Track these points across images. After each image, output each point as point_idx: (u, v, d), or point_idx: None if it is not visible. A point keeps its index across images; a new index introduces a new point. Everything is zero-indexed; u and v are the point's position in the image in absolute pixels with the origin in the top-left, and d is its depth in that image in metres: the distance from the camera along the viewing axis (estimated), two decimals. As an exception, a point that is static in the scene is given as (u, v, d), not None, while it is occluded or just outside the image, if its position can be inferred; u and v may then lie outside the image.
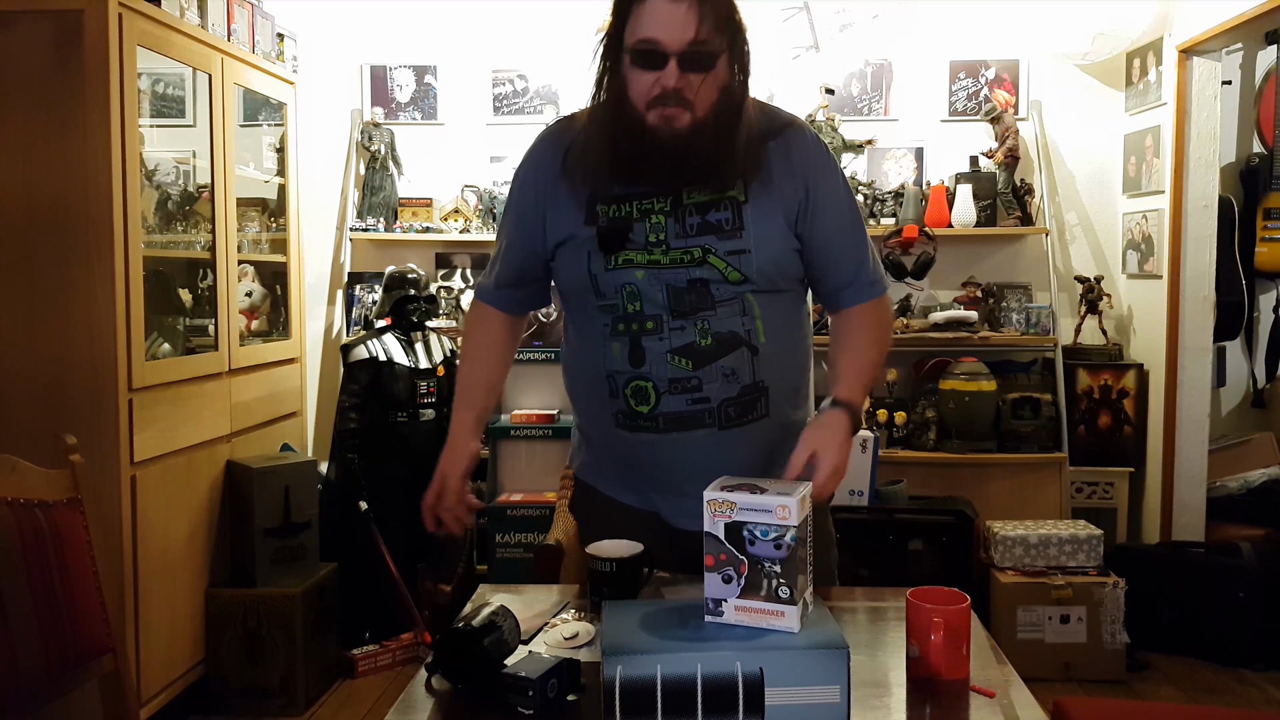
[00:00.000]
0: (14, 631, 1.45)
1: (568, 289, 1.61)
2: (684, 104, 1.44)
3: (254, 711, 3.04)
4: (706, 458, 1.52)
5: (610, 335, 1.53)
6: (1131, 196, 3.99)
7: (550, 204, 1.59)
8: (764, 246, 1.50)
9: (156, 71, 3.11)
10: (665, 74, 1.42)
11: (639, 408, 1.53)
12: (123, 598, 2.65)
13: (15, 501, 1.51)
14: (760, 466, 1.56)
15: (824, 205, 1.55)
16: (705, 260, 1.49)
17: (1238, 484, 3.81)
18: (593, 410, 1.62)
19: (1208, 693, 3.17)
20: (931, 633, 1.24)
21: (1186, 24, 3.62)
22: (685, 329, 1.50)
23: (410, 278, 3.61)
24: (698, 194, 1.50)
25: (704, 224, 1.50)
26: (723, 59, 1.45)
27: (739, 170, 1.49)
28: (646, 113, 1.45)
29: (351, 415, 3.50)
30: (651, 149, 1.46)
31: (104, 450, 2.61)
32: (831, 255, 1.58)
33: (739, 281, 1.49)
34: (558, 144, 1.61)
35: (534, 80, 4.14)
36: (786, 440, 1.58)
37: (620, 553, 1.55)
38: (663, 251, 1.50)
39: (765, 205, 1.51)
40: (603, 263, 1.52)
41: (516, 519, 3.67)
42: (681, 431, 1.52)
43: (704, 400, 1.51)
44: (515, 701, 1.16)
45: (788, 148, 1.54)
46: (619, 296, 1.51)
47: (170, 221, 3.18)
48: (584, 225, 1.54)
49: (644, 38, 1.42)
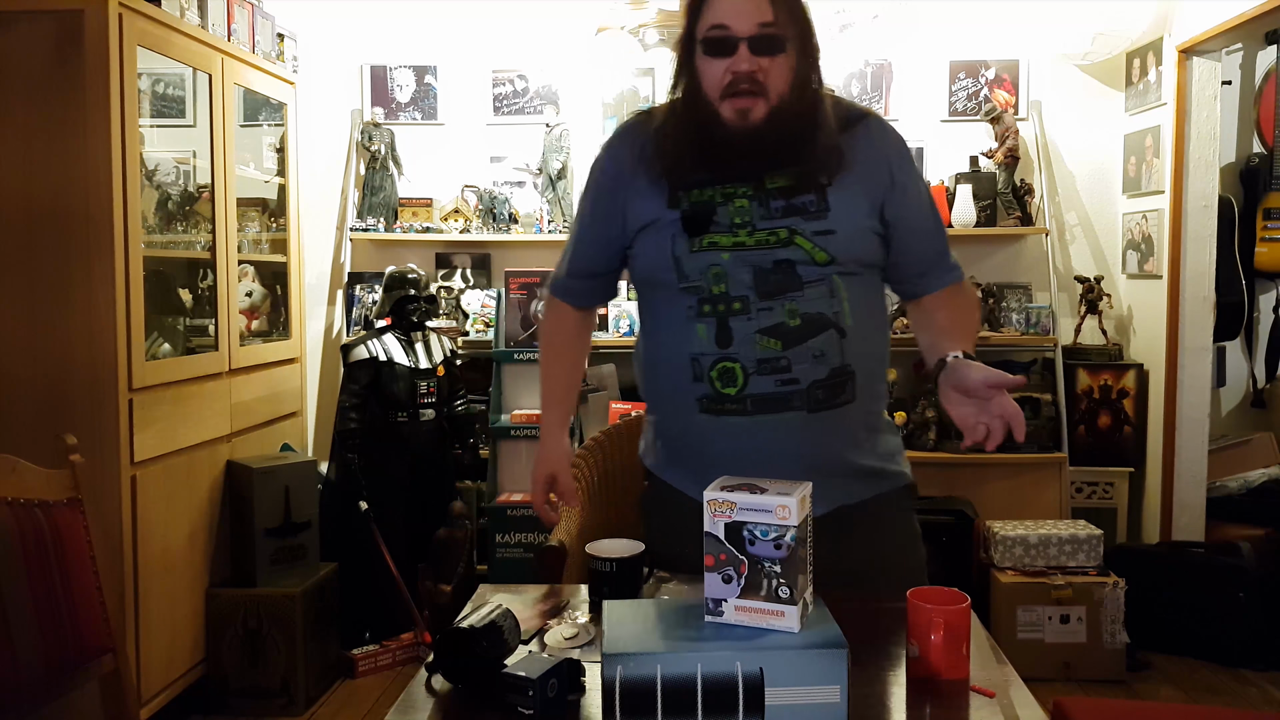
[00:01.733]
0: (14, 631, 1.45)
1: (647, 274, 1.60)
2: (757, 90, 1.45)
3: (254, 711, 3.04)
4: (793, 442, 1.51)
5: (695, 317, 1.52)
6: (1131, 196, 3.99)
7: (630, 192, 1.59)
8: (849, 227, 1.50)
9: (156, 71, 3.11)
10: (736, 59, 1.44)
11: (726, 389, 1.51)
12: (123, 598, 2.65)
13: (15, 501, 1.52)
14: (844, 454, 1.55)
15: (908, 190, 1.57)
16: (792, 241, 1.49)
17: (1238, 484, 3.81)
18: (672, 398, 1.59)
19: (1208, 693, 3.17)
20: (931, 633, 1.24)
21: (1186, 24, 3.62)
22: (773, 309, 1.49)
23: (410, 278, 3.61)
24: (780, 180, 1.51)
25: (789, 206, 1.50)
26: (792, 45, 1.47)
27: (819, 158, 1.50)
28: (720, 104, 1.47)
29: (351, 415, 3.50)
30: (728, 142, 1.48)
31: (104, 450, 2.61)
32: (916, 239, 1.59)
33: (826, 262, 1.49)
34: (635, 137, 1.62)
35: (534, 80, 4.14)
36: (869, 428, 1.60)
37: (620, 553, 1.55)
38: (748, 233, 1.50)
39: (849, 188, 1.51)
40: (687, 245, 1.52)
41: (516, 519, 3.67)
42: (769, 414, 1.50)
43: (793, 381, 1.49)
44: (515, 701, 1.16)
45: (869, 134, 1.56)
46: (703, 278, 1.51)
47: (170, 221, 3.18)
48: (667, 209, 1.54)
49: (714, 24, 1.45)
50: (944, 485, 3.74)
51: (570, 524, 2.29)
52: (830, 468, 1.54)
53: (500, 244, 4.10)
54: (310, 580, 3.14)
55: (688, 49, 1.51)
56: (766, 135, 1.47)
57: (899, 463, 1.67)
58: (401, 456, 3.54)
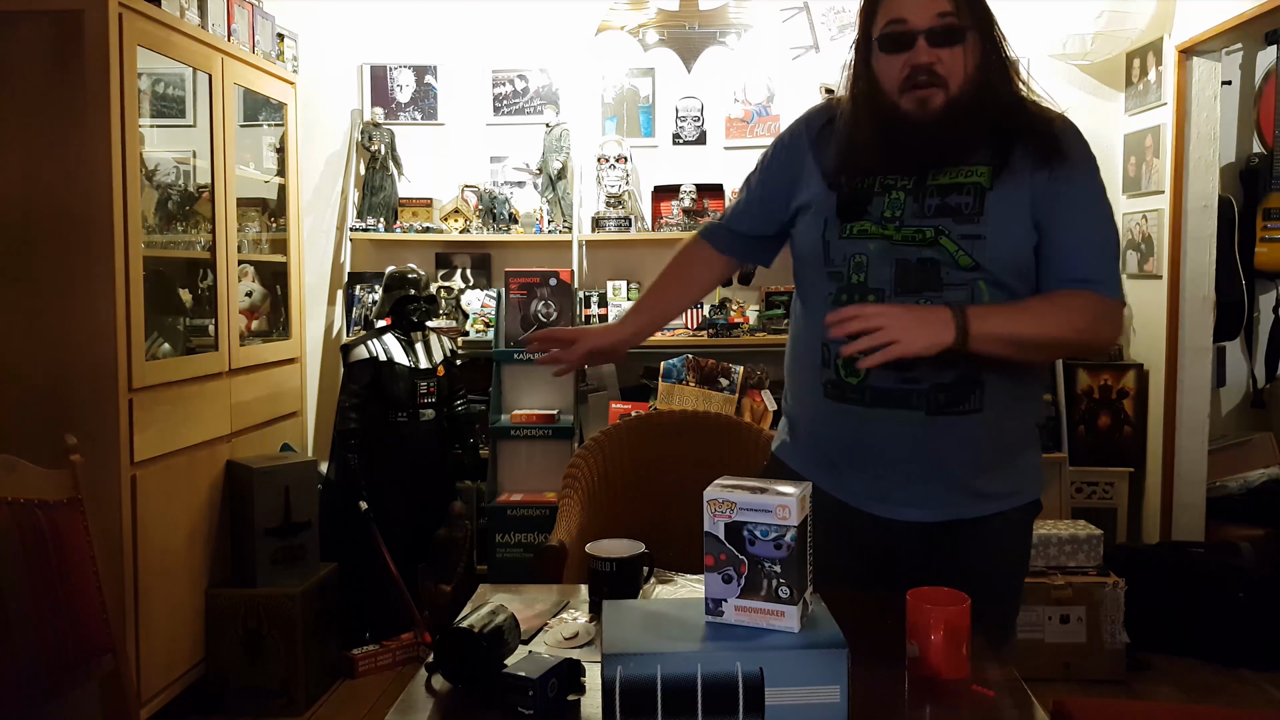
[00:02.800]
0: (14, 631, 1.45)
1: (802, 254, 1.61)
2: (937, 82, 1.44)
3: (254, 711, 3.04)
4: (911, 441, 1.49)
5: (832, 304, 1.51)
6: (1131, 196, 3.99)
7: (801, 168, 1.61)
8: (1001, 235, 1.46)
9: (156, 71, 3.11)
10: (915, 52, 1.44)
11: (848, 379, 1.51)
12: (123, 598, 2.65)
13: (15, 501, 1.52)
14: (966, 462, 1.52)
15: (1067, 199, 1.49)
16: (937, 241, 1.46)
17: (1238, 484, 3.81)
18: (805, 379, 1.60)
19: (1208, 693, 3.16)
20: (931, 633, 1.24)
21: (1186, 24, 3.62)
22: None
23: (410, 278, 3.61)
24: (944, 177, 1.49)
25: (942, 205, 1.48)
26: (973, 36, 1.46)
27: (992, 153, 1.48)
28: (900, 98, 1.46)
29: (352, 415, 3.50)
30: (904, 135, 1.47)
31: (104, 450, 2.61)
32: (1062, 250, 1.48)
33: (970, 267, 1.45)
34: (820, 117, 1.63)
35: (534, 80, 4.14)
36: (1000, 443, 1.54)
37: (620, 553, 1.55)
38: (896, 228, 1.49)
39: (1011, 194, 1.47)
40: (837, 230, 1.52)
41: (516, 519, 3.67)
42: (888, 409, 1.49)
43: (914, 381, 1.47)
44: (515, 701, 1.16)
45: (1052, 139, 1.50)
46: (847, 265, 1.51)
47: (170, 221, 3.18)
48: (827, 191, 1.55)
49: (892, 19, 1.45)
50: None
51: (570, 524, 2.29)
52: (948, 476, 1.52)
53: (500, 244, 4.10)
54: (310, 580, 3.14)
55: (863, 50, 1.51)
56: (944, 125, 1.45)
57: (1029, 481, 1.61)
58: (401, 456, 3.54)
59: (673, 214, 4.00)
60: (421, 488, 3.59)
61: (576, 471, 2.48)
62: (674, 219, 3.99)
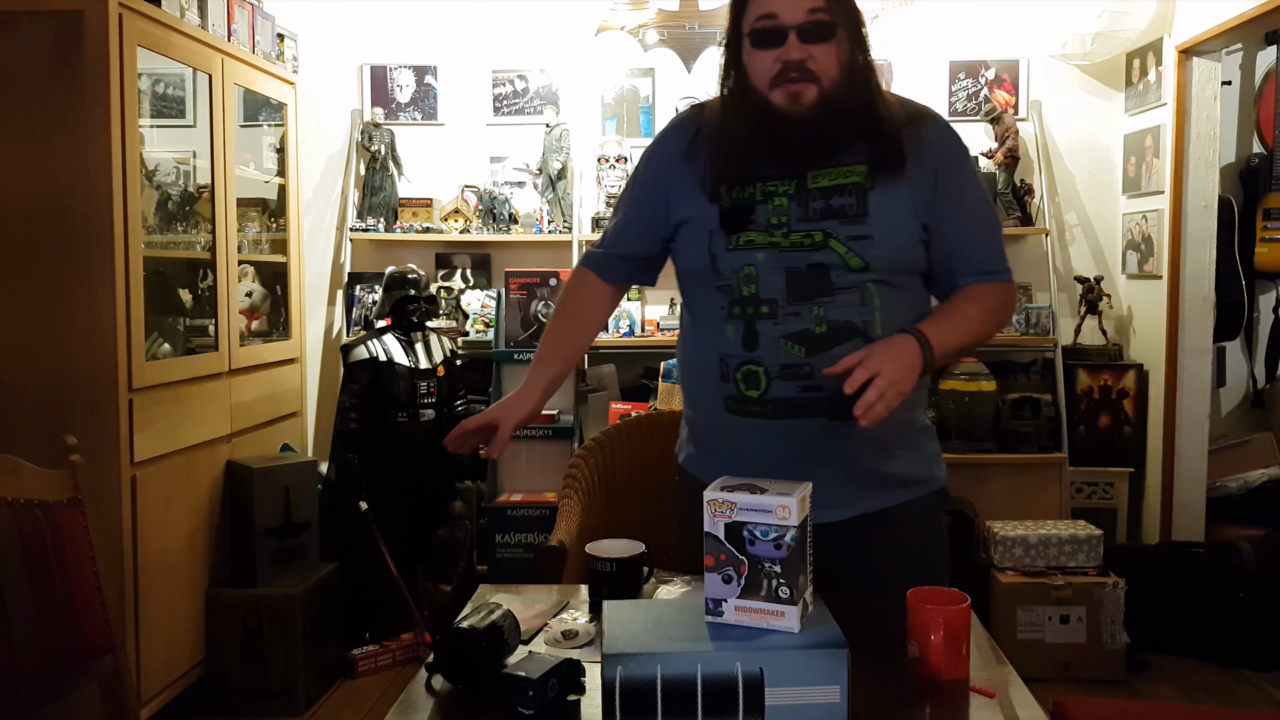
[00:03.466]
0: (14, 632, 1.45)
1: (687, 270, 1.60)
2: (809, 76, 1.44)
3: (254, 711, 3.04)
4: (816, 447, 1.50)
5: (725, 318, 1.51)
6: (1131, 197, 3.99)
7: (675, 182, 1.59)
8: (887, 233, 1.47)
9: (156, 72, 3.11)
10: (786, 48, 1.44)
11: (749, 392, 1.51)
12: (123, 598, 2.65)
13: (15, 501, 1.51)
14: (869, 463, 1.54)
15: (953, 195, 1.53)
16: (826, 244, 1.47)
17: (1238, 484, 3.81)
18: (704, 395, 1.59)
19: (1208, 693, 3.17)
20: (931, 633, 1.24)
21: (1186, 24, 3.62)
22: (801, 315, 1.47)
23: (410, 278, 3.61)
24: (823, 178, 1.49)
25: (827, 208, 1.48)
26: (842, 33, 1.46)
27: (867, 151, 1.48)
28: (771, 93, 1.46)
29: (352, 415, 3.50)
30: (778, 129, 1.47)
31: (104, 450, 2.61)
32: (958, 245, 1.55)
33: (860, 268, 1.47)
34: (686, 128, 1.62)
35: (534, 80, 4.14)
36: (898, 436, 1.57)
37: (620, 553, 1.55)
38: (784, 234, 1.48)
39: (892, 192, 1.49)
40: (724, 242, 1.51)
41: (516, 519, 3.67)
42: (791, 419, 1.50)
43: (815, 389, 1.47)
44: (515, 701, 1.16)
45: (920, 136, 1.52)
46: (736, 278, 1.50)
47: (170, 222, 3.18)
48: (707, 204, 1.54)
49: (763, 14, 1.45)
50: (944, 485, 3.74)
51: (570, 524, 2.29)
52: (855, 475, 1.53)
53: (500, 244, 4.10)
54: (310, 580, 3.14)
55: (734, 45, 1.51)
56: (818, 120, 1.45)
57: (932, 468, 1.65)
58: (401, 456, 3.54)
59: (673, 214, 4.00)
60: (421, 488, 3.58)
61: (576, 471, 2.48)
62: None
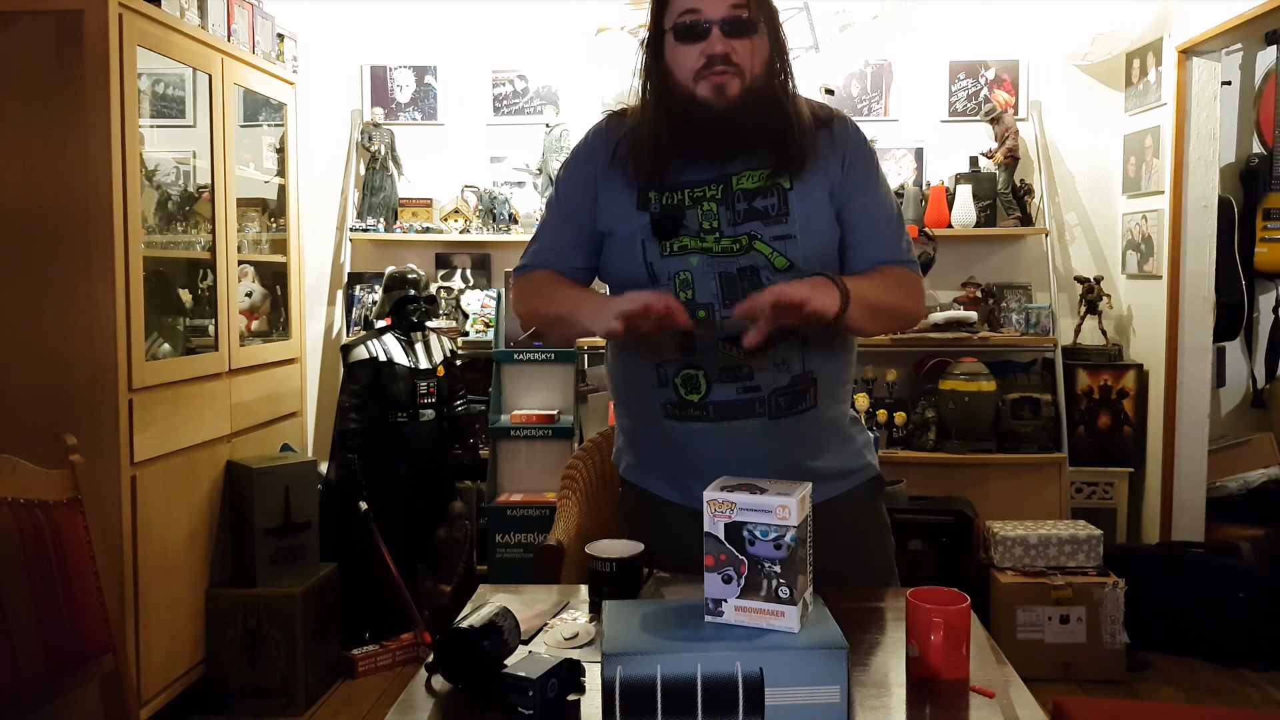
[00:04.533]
0: (14, 631, 1.45)
1: (620, 278, 1.60)
2: (732, 69, 1.46)
3: (254, 711, 3.04)
4: (757, 448, 1.51)
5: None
6: (1131, 197, 3.99)
7: (602, 192, 1.59)
8: (809, 232, 1.51)
9: (156, 71, 3.11)
10: (710, 41, 1.45)
11: (689, 396, 1.52)
12: (123, 598, 2.65)
13: (15, 501, 1.51)
14: (808, 458, 1.56)
15: (859, 185, 1.57)
16: (751, 247, 1.49)
17: (1237, 484, 3.81)
18: (640, 403, 1.60)
19: (1208, 693, 3.17)
20: (931, 633, 1.24)
21: (1186, 24, 3.62)
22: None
23: (410, 278, 3.61)
24: (747, 181, 1.51)
25: (750, 210, 1.50)
26: (763, 29, 1.48)
27: (789, 150, 1.50)
28: (696, 86, 1.47)
29: (351, 415, 3.50)
30: (703, 123, 1.48)
31: (104, 450, 2.61)
32: (862, 234, 1.58)
33: (786, 268, 1.49)
34: (608, 137, 1.62)
35: (534, 80, 4.14)
36: (832, 434, 1.60)
37: (620, 553, 1.55)
38: (715, 240, 1.50)
39: (811, 191, 1.52)
40: (658, 250, 1.52)
41: (516, 519, 3.67)
42: (732, 421, 1.51)
43: (754, 389, 1.50)
44: (515, 701, 1.16)
45: (832, 136, 1.56)
46: (672, 284, 1.51)
47: (170, 221, 3.18)
48: (636, 213, 1.54)
49: (686, 9, 1.46)
50: (944, 485, 3.74)
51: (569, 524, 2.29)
52: (795, 472, 1.52)
53: (500, 244, 4.10)
54: (310, 580, 3.14)
55: (655, 44, 1.52)
56: (742, 114, 1.47)
57: (865, 457, 1.67)
58: (401, 456, 3.54)
59: (673, 214, 4.00)
60: (421, 488, 3.59)
61: (575, 472, 2.47)
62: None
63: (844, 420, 1.64)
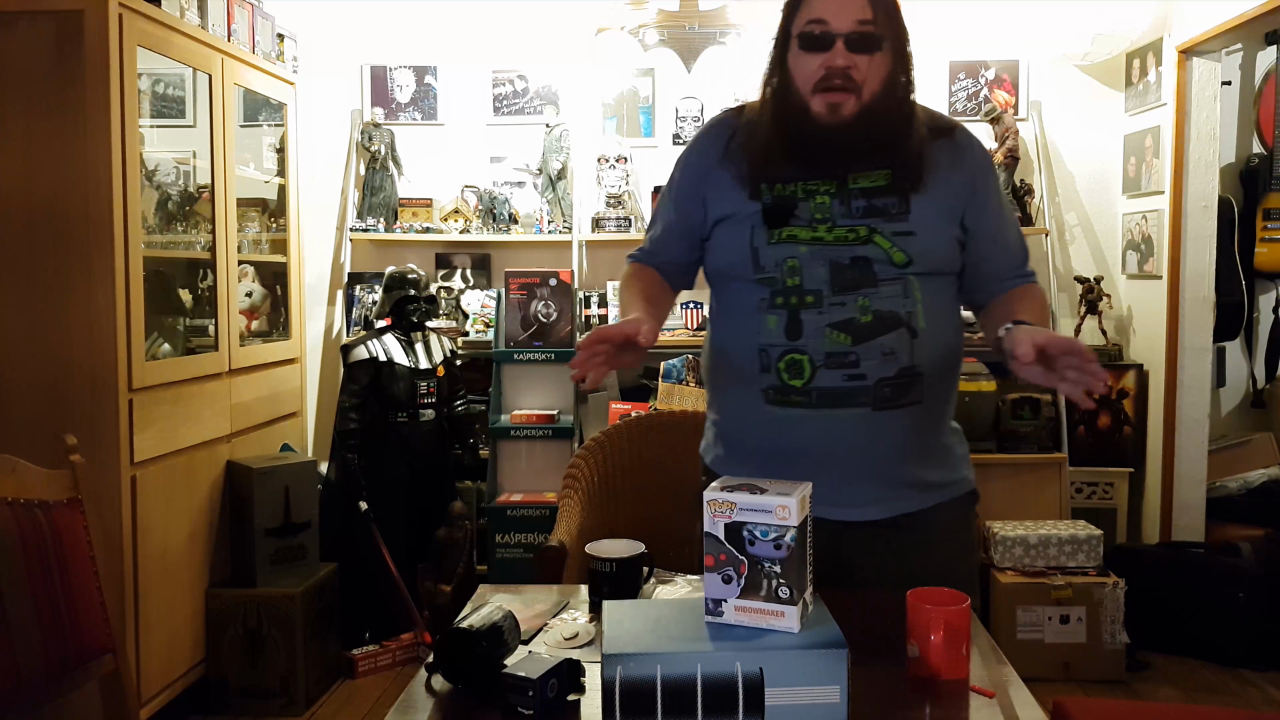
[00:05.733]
0: (14, 631, 1.45)
1: (724, 266, 1.60)
2: (851, 86, 1.46)
3: (254, 711, 3.04)
4: (858, 438, 1.51)
5: (767, 309, 1.52)
6: (1131, 197, 3.99)
7: (712, 186, 1.60)
8: (929, 231, 1.51)
9: (156, 71, 3.11)
10: (832, 54, 1.46)
11: (792, 381, 1.51)
12: (123, 598, 2.65)
13: (15, 501, 1.52)
14: (909, 454, 1.55)
15: (989, 201, 1.58)
16: (870, 240, 1.49)
17: (1237, 484, 3.81)
18: (739, 390, 1.59)
19: (1208, 693, 3.17)
20: (931, 633, 1.24)
21: (1186, 24, 3.62)
22: (846, 304, 1.49)
23: (410, 278, 3.61)
24: (865, 181, 1.52)
25: (870, 207, 1.51)
26: (888, 46, 1.48)
27: (905, 162, 1.51)
28: (811, 99, 1.48)
29: (351, 415, 3.50)
30: (816, 135, 1.49)
31: (104, 450, 2.61)
32: (996, 248, 1.59)
33: (903, 263, 1.49)
34: (722, 130, 1.63)
35: (534, 80, 4.14)
36: (935, 434, 1.59)
37: (620, 553, 1.55)
38: (827, 229, 1.51)
39: (931, 195, 1.52)
40: (765, 236, 1.52)
41: (516, 519, 3.67)
42: (834, 408, 1.50)
43: (860, 377, 1.48)
44: (515, 701, 1.16)
45: (955, 146, 1.57)
46: (779, 270, 1.51)
47: (170, 221, 3.18)
48: (747, 201, 1.55)
49: (813, 19, 1.47)
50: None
51: (570, 524, 2.29)
52: (893, 470, 1.54)
53: (500, 244, 4.10)
54: (310, 580, 3.14)
55: (781, 46, 1.53)
56: (855, 132, 1.48)
57: (963, 470, 1.66)
58: (401, 456, 3.54)
59: (673, 214, 4.00)
60: (421, 488, 3.59)
61: (576, 472, 2.48)
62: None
63: (945, 427, 1.63)
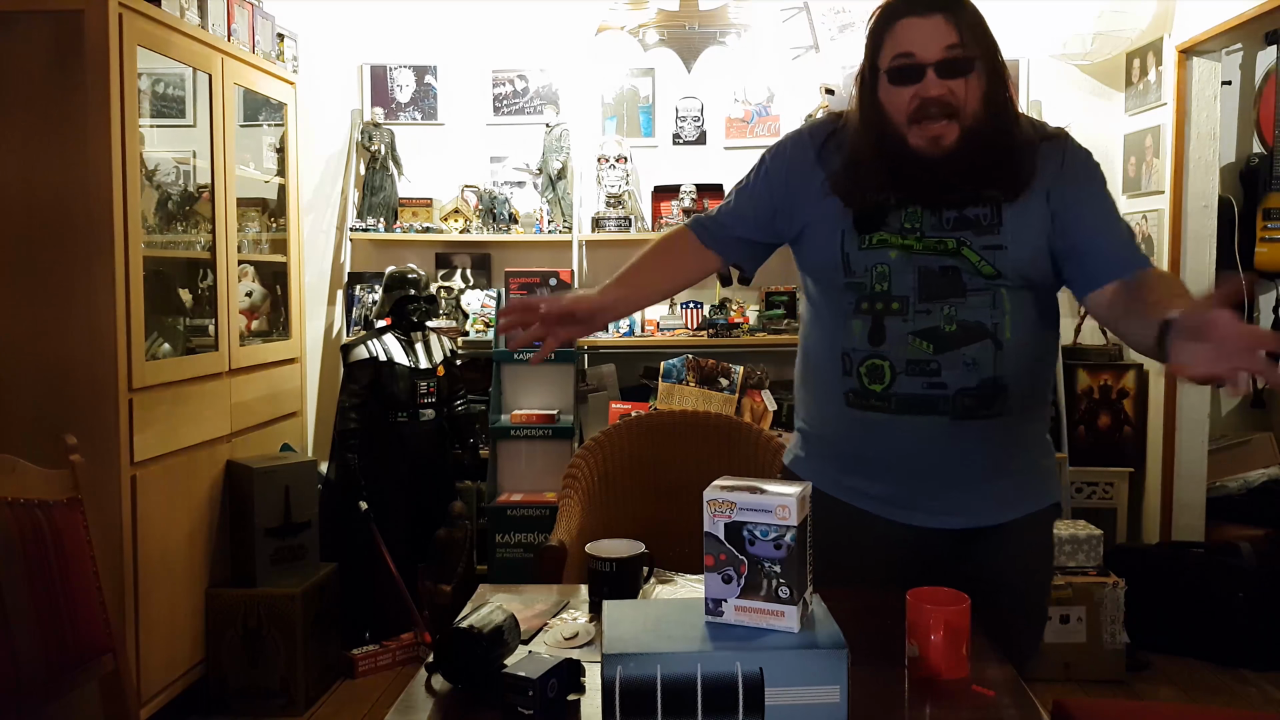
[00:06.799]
0: (14, 631, 1.45)
1: (815, 267, 1.60)
2: (949, 113, 1.43)
3: (254, 711, 3.04)
4: (936, 447, 1.49)
5: (852, 313, 1.52)
6: (1131, 197, 3.99)
7: (806, 183, 1.58)
8: (1020, 245, 1.48)
9: (156, 71, 3.11)
10: (924, 84, 1.43)
11: (872, 386, 1.50)
12: (123, 598, 2.65)
13: (15, 501, 1.52)
14: (990, 467, 1.53)
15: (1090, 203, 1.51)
16: (959, 251, 1.48)
17: (1237, 484, 3.81)
18: (823, 392, 1.59)
19: (1208, 693, 3.17)
20: (931, 633, 1.24)
21: (1186, 24, 3.62)
22: (931, 313, 1.48)
23: (410, 278, 3.61)
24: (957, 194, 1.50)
25: (960, 218, 1.49)
26: (980, 66, 1.45)
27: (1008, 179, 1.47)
28: (909, 130, 1.45)
29: (352, 415, 3.50)
30: (915, 169, 1.47)
31: (104, 450, 2.61)
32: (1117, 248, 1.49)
33: (992, 276, 1.47)
34: (821, 132, 1.61)
35: (534, 80, 4.14)
36: (1020, 447, 1.56)
37: (620, 553, 1.55)
38: (917, 238, 1.49)
39: (1026, 206, 1.49)
40: (856, 241, 1.51)
41: (516, 519, 3.67)
42: (913, 415, 1.49)
43: (940, 386, 1.47)
44: (515, 701, 1.16)
45: (1057, 155, 1.52)
46: (868, 276, 1.51)
47: (170, 221, 3.18)
48: (840, 205, 1.53)
49: (899, 52, 1.44)
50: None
51: (570, 524, 2.29)
52: (973, 482, 1.53)
53: (500, 244, 4.10)
54: (310, 580, 3.14)
55: (870, 82, 1.49)
56: (959, 160, 1.45)
57: (1049, 484, 1.62)
58: (401, 456, 3.54)
59: (673, 214, 4.01)
60: (421, 488, 3.59)
61: (576, 471, 2.48)
62: (674, 219, 3.99)
63: (1033, 438, 1.60)
